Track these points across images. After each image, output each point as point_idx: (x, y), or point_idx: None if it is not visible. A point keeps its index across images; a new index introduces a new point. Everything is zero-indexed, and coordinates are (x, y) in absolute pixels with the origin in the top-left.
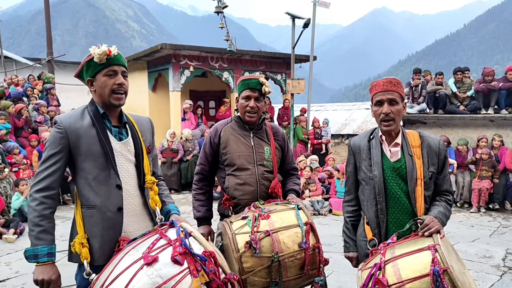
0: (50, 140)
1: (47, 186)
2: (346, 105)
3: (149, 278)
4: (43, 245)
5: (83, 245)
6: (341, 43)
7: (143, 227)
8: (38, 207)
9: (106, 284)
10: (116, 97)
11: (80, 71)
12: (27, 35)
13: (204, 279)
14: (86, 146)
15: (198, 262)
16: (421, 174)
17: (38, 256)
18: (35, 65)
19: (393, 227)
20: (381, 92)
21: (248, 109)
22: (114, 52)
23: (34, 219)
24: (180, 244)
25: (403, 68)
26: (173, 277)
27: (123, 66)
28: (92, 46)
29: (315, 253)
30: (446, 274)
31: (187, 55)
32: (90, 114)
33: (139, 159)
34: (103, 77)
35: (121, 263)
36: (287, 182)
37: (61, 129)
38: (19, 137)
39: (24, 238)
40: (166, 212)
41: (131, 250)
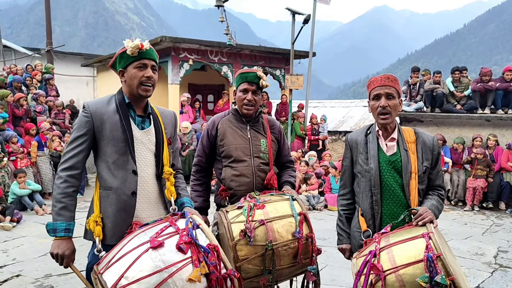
0: (77, 123)
1: (72, 165)
2: (344, 102)
3: (152, 261)
4: (62, 220)
5: (97, 223)
6: (341, 40)
7: (156, 215)
8: (62, 184)
9: (112, 261)
10: (144, 88)
11: (114, 62)
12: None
13: (204, 270)
14: (109, 131)
15: (201, 253)
16: (415, 168)
17: (56, 230)
18: (34, 55)
19: (387, 218)
20: (379, 86)
21: (245, 102)
22: (146, 46)
23: (57, 195)
24: (187, 233)
25: (402, 67)
26: (175, 264)
27: (153, 60)
28: (126, 39)
29: (308, 242)
30: (439, 260)
31: (186, 48)
32: (116, 101)
33: (159, 149)
34: (133, 69)
35: (129, 244)
36: (283, 174)
37: (87, 113)
38: (17, 126)
39: (21, 226)
40: (180, 204)
41: (140, 233)
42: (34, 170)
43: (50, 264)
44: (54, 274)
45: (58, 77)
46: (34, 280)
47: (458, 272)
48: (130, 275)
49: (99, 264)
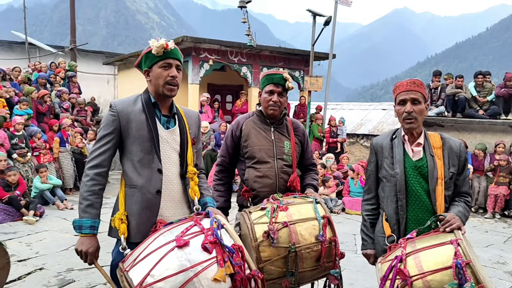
0: (104, 122)
1: (98, 163)
2: (362, 104)
3: (178, 260)
4: (88, 218)
5: (122, 221)
6: (360, 42)
7: (180, 214)
8: (89, 182)
9: (138, 259)
10: (168, 88)
11: (139, 61)
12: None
13: (229, 270)
14: (135, 130)
15: (226, 253)
16: (442, 174)
17: (82, 227)
18: (58, 52)
19: (412, 224)
20: (405, 91)
21: (271, 103)
22: (171, 46)
23: (84, 193)
24: (212, 233)
25: (422, 70)
26: (200, 263)
27: (178, 60)
28: (151, 39)
29: (331, 246)
30: (469, 267)
31: (207, 49)
32: (142, 101)
33: (183, 148)
34: (158, 69)
35: (154, 242)
36: (305, 177)
37: (114, 112)
38: (41, 122)
39: (44, 220)
40: (203, 204)
41: (166, 232)
42: (56, 165)
43: (71, 258)
44: (76, 269)
45: (80, 75)
46: (56, 273)
47: (487, 280)
48: (156, 273)
49: (124, 262)
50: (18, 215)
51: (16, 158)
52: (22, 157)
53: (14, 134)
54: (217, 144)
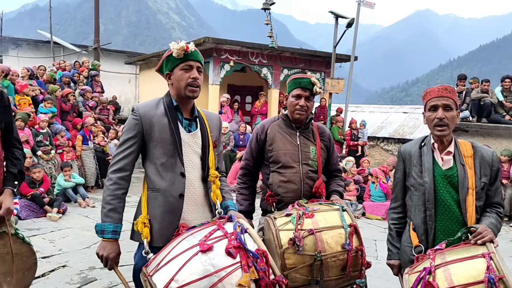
0: (127, 125)
1: (121, 167)
2: (383, 107)
3: (202, 265)
4: (110, 222)
5: (145, 225)
6: (381, 44)
7: (202, 217)
8: (112, 186)
9: (162, 264)
10: (190, 89)
11: (161, 65)
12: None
13: (254, 276)
14: (158, 133)
15: (250, 258)
16: (473, 184)
17: (104, 232)
18: (81, 51)
19: (441, 234)
20: (436, 97)
21: (298, 107)
22: (191, 48)
23: (107, 197)
24: (236, 238)
25: (443, 73)
26: (224, 268)
27: (198, 61)
28: (172, 42)
29: (357, 255)
30: (502, 283)
31: (228, 50)
32: (164, 104)
33: (205, 151)
34: (179, 71)
35: (178, 247)
36: (331, 183)
37: (137, 116)
38: (64, 120)
39: (66, 218)
40: (225, 207)
41: (189, 236)
42: (78, 163)
43: (93, 256)
44: (98, 267)
45: (102, 74)
46: (79, 271)
47: None
48: (180, 278)
49: (147, 266)
50: (41, 212)
51: (40, 155)
52: (46, 154)
53: (39, 131)
54: (236, 145)
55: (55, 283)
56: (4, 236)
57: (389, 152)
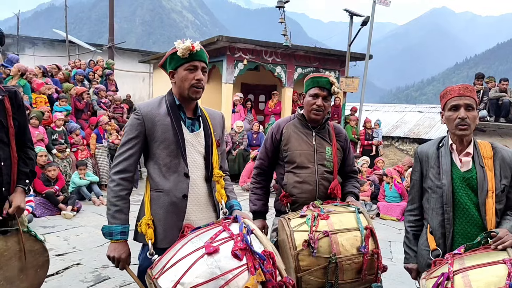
0: (129, 125)
1: (124, 168)
2: (398, 106)
3: (208, 268)
4: (118, 224)
5: (148, 226)
6: (395, 43)
7: (206, 217)
8: (116, 188)
9: (167, 266)
10: (194, 90)
11: (164, 62)
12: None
13: (261, 278)
14: (161, 133)
15: (257, 260)
16: (493, 187)
17: (113, 234)
18: (96, 50)
19: (460, 238)
20: (458, 97)
21: (315, 107)
22: (197, 48)
23: (112, 199)
24: (242, 239)
25: (459, 72)
26: (231, 271)
27: (204, 62)
28: (177, 40)
29: (373, 258)
30: None
31: (241, 48)
32: (167, 103)
33: (208, 151)
34: (184, 71)
35: (183, 249)
36: (346, 185)
37: (139, 116)
38: (79, 119)
39: (81, 216)
40: (229, 207)
41: (194, 238)
42: (92, 161)
43: None
44: (111, 265)
45: (116, 73)
46: (92, 269)
47: None
48: (186, 281)
49: (153, 269)
50: (56, 210)
51: (56, 154)
52: (61, 152)
53: (55, 130)
54: (249, 144)
55: (69, 281)
56: (17, 234)
57: (404, 152)
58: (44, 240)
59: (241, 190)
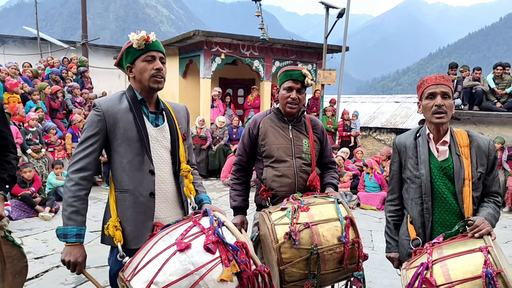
0: (88, 122)
1: (83, 167)
2: (375, 97)
3: (181, 264)
4: (73, 225)
5: (116, 228)
6: (370, 34)
7: (175, 214)
8: (73, 187)
9: (139, 267)
10: (154, 80)
11: (120, 59)
12: (59, 18)
13: (235, 269)
14: (123, 131)
15: (230, 251)
16: (469, 175)
17: (67, 236)
18: (69, 47)
19: (439, 227)
20: (434, 85)
21: (289, 100)
22: (152, 38)
23: (68, 199)
24: (213, 233)
25: (433, 62)
26: (204, 265)
27: (161, 52)
28: (131, 33)
29: (354, 247)
30: (500, 277)
31: (218, 42)
32: (128, 99)
33: (174, 146)
34: (141, 63)
35: (154, 248)
36: (325, 176)
37: (99, 112)
38: (54, 118)
39: (59, 217)
40: (199, 201)
41: (164, 236)
42: (69, 161)
43: (88, 256)
44: (92, 266)
45: (91, 70)
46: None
47: None
48: (160, 280)
49: (124, 271)
50: (33, 212)
51: (31, 154)
52: (37, 153)
53: (28, 130)
54: (230, 139)
55: (49, 284)
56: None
57: (381, 142)
58: (22, 244)
59: (222, 185)
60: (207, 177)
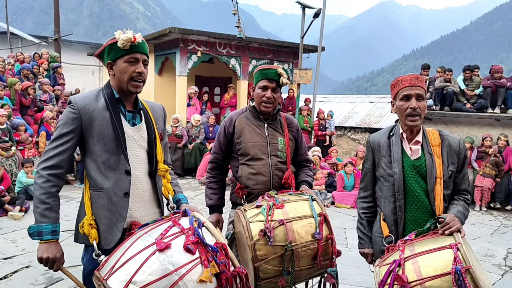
0: (63, 119)
1: (55, 164)
2: (350, 97)
3: (160, 264)
4: (48, 222)
5: (91, 226)
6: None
7: (151, 214)
8: (45, 184)
9: (117, 266)
10: (134, 84)
11: (102, 52)
12: (30, 12)
13: (214, 270)
14: (99, 129)
15: (209, 252)
16: (441, 173)
17: (42, 233)
18: (41, 43)
19: (411, 224)
20: (409, 86)
21: (264, 99)
22: (138, 39)
23: (40, 196)
24: (193, 233)
25: (407, 63)
26: (184, 265)
27: (145, 54)
28: (118, 30)
29: (328, 244)
30: (468, 273)
31: (195, 40)
32: (105, 97)
33: (151, 145)
34: (124, 63)
35: (133, 247)
36: (300, 174)
37: (75, 110)
38: (24, 115)
39: (29, 216)
40: (176, 201)
41: (143, 235)
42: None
43: None
44: (64, 266)
45: (64, 66)
46: (44, 271)
47: (486, 285)
48: (139, 279)
49: (100, 270)
50: (2, 211)
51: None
52: (6, 151)
53: None
54: (206, 137)
55: (18, 285)
56: None
57: (356, 141)
58: None
59: (198, 184)
60: (182, 176)
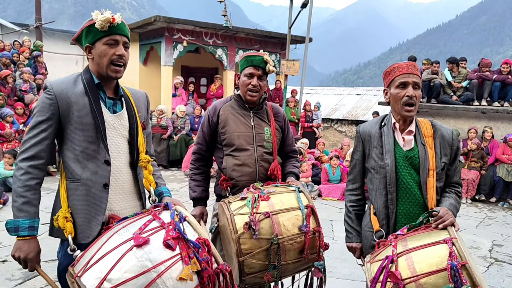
0: (39, 106)
1: (34, 155)
2: (337, 89)
3: (137, 261)
4: (25, 217)
5: (67, 219)
6: (333, 27)
7: (131, 206)
8: (23, 176)
9: (91, 262)
10: (114, 69)
11: (79, 35)
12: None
13: (196, 267)
14: (77, 116)
15: (191, 248)
16: (434, 165)
17: (19, 229)
18: (22, 30)
19: (403, 218)
20: (406, 74)
21: (250, 87)
22: (118, 20)
23: (18, 189)
24: (174, 228)
25: (393, 56)
26: (163, 262)
27: (125, 36)
28: (95, 11)
29: (315, 237)
30: (464, 269)
31: (181, 29)
32: (83, 82)
33: (133, 134)
34: (103, 46)
35: (109, 242)
36: (287, 165)
37: (51, 95)
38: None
39: (7, 208)
40: (158, 194)
41: (121, 229)
42: None
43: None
44: (42, 261)
45: (46, 55)
46: (20, 266)
47: (483, 283)
48: (114, 277)
49: (74, 266)
50: None
51: None
52: None
53: None
54: (192, 128)
55: None
56: None
57: (342, 133)
58: None
59: (183, 176)
60: (168, 168)
